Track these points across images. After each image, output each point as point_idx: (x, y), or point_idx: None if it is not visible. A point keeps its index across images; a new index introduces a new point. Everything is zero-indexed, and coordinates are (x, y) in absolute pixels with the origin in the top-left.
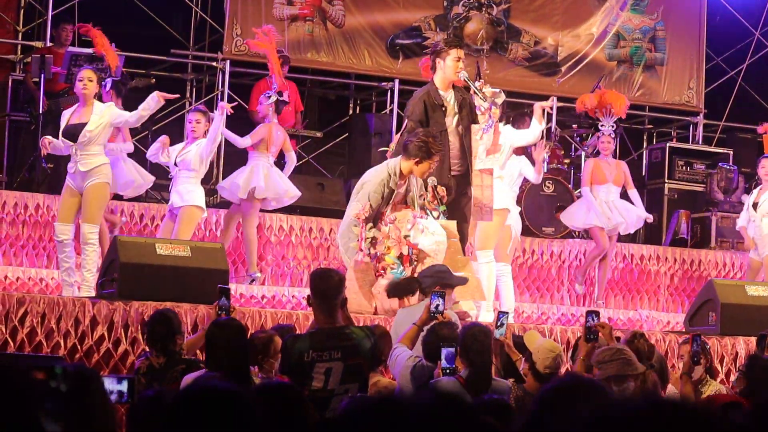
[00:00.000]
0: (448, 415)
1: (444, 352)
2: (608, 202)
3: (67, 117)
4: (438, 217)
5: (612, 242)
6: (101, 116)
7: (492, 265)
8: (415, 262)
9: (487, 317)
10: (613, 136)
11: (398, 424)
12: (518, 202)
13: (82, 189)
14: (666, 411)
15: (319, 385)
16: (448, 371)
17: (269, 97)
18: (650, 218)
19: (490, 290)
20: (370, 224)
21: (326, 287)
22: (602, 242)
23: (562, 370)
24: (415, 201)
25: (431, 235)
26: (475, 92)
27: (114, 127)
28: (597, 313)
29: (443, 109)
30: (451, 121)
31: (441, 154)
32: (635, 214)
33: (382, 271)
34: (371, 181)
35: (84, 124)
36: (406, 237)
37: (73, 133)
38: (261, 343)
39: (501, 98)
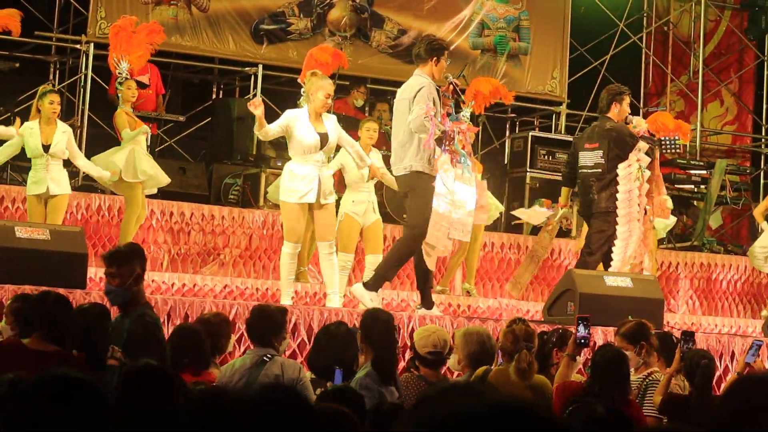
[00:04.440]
0: (272, 406)
1: None
2: None
3: None
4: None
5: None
6: None
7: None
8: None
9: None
10: None
11: (228, 414)
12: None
13: None
14: (505, 415)
15: None
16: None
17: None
18: None
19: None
20: (437, 119)
21: None
22: None
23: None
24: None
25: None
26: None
27: None
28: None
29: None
30: None
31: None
32: None
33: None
34: (424, 87)
35: None
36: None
37: None
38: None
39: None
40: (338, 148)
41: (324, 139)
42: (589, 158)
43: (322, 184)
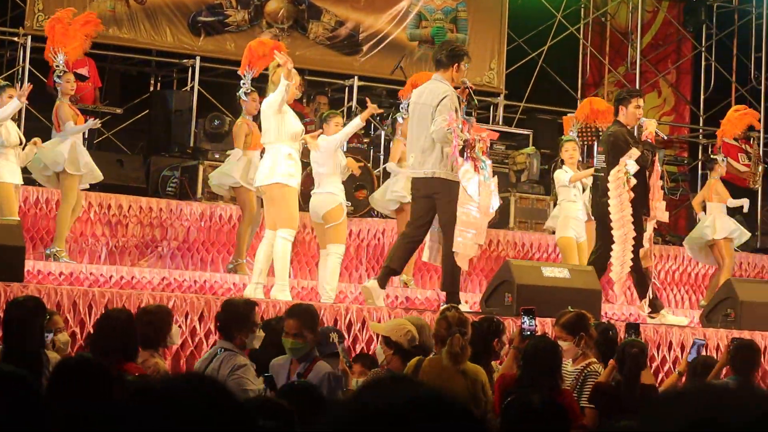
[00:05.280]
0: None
1: None
2: None
3: None
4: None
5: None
6: None
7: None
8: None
9: (281, 297)
10: None
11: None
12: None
13: None
14: (420, 408)
15: None
16: None
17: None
18: None
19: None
20: (458, 129)
21: None
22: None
23: None
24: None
25: None
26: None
27: None
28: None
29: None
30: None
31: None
32: None
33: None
34: (447, 96)
35: None
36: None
37: None
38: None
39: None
40: None
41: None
42: (599, 162)
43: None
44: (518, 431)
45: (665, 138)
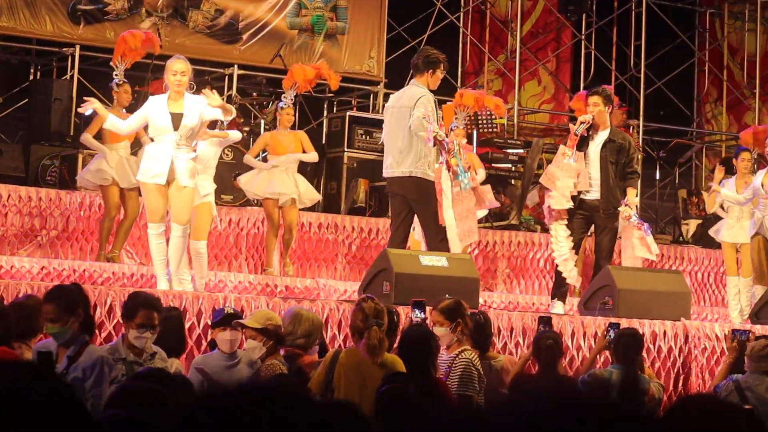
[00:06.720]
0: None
1: None
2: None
3: None
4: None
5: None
6: None
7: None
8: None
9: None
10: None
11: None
12: None
13: None
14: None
15: None
16: None
17: None
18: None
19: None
20: (435, 125)
21: None
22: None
23: None
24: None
25: None
26: None
27: None
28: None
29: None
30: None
31: None
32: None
33: (452, 175)
34: (425, 96)
35: None
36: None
37: None
38: None
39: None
40: None
41: (177, 119)
42: None
43: (177, 165)
44: (392, 419)
45: (577, 133)
